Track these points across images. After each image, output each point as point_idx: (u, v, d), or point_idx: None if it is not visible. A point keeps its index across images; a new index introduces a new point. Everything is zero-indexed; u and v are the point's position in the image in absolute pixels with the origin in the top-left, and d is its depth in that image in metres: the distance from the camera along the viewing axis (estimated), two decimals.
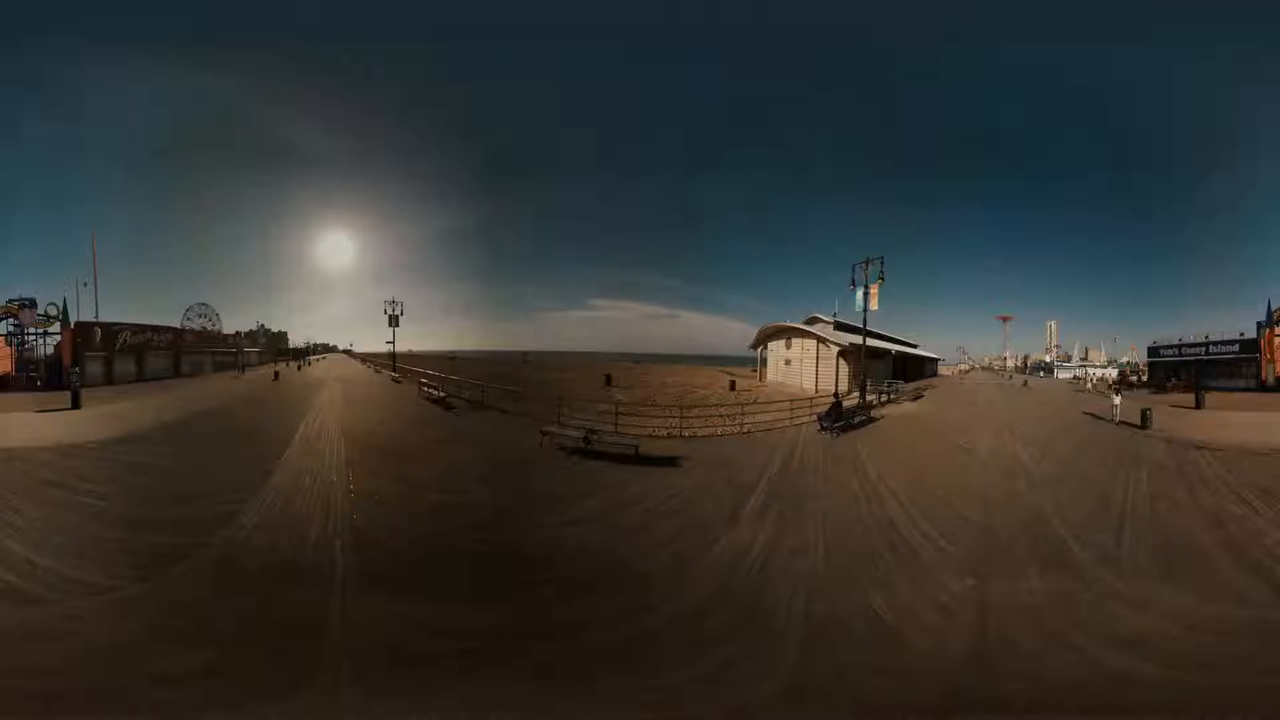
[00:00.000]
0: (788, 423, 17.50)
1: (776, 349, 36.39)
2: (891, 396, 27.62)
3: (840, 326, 34.01)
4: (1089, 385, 34.31)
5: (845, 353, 30.45)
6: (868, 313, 23.57)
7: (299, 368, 44.81)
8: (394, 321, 32.17)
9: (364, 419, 16.67)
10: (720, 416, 18.08)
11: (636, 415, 17.15)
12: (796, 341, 34.22)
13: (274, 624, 4.59)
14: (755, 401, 22.77)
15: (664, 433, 15.40)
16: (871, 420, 18.67)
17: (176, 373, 32.65)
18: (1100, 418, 19.10)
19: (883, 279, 23.14)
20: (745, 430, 16.29)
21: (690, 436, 15.10)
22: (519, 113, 49.58)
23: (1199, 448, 12.88)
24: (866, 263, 23.47)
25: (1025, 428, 17.58)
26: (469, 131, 50.84)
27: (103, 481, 8.68)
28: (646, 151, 52.38)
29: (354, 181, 57.44)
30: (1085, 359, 59.35)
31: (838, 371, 30.63)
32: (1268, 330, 25.90)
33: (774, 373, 36.39)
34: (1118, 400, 18.62)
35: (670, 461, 11.75)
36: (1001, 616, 5.17)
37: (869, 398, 23.35)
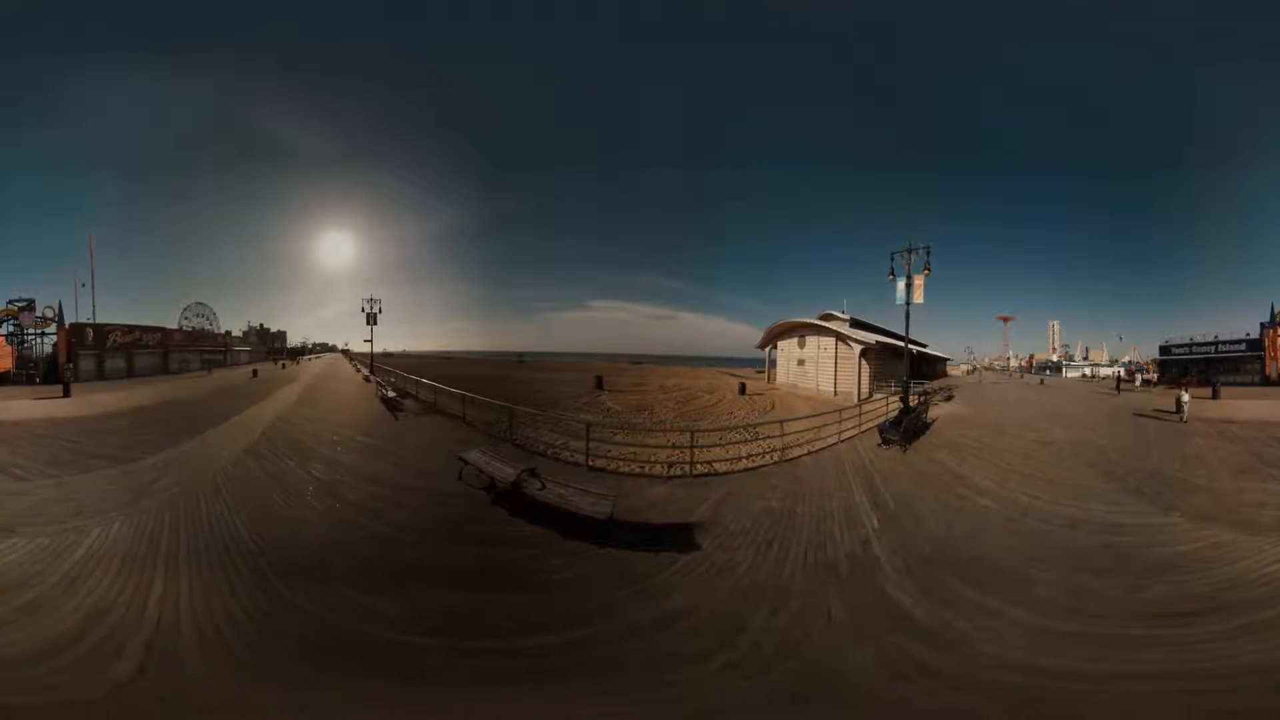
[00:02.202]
0: (834, 437, 16.34)
1: (788, 348, 38.64)
2: (926, 398, 29.63)
3: (855, 324, 35.81)
4: (1137, 383, 37.36)
5: (866, 352, 32.38)
6: (910, 307, 24.53)
7: (282, 366, 51.92)
8: (372, 320, 37.59)
9: (302, 416, 19.14)
10: (751, 440, 15.97)
11: (624, 440, 15.56)
12: (812, 340, 36.33)
13: (102, 503, 8.88)
14: (775, 409, 23.99)
15: (664, 469, 12.67)
16: (926, 425, 19.06)
17: (165, 369, 39.75)
18: (1157, 415, 22.49)
19: (929, 270, 24.14)
20: (785, 455, 13.90)
21: (707, 473, 12.28)
22: (519, 112, 55.78)
23: (1227, 422, 18.87)
24: (909, 251, 24.64)
25: (1077, 419, 21.94)
26: (469, 132, 57.37)
27: (74, 437, 14.01)
28: (647, 152, 58.05)
29: (354, 183, 65.58)
30: (1086, 358, 65.54)
31: (860, 373, 32.52)
32: (1271, 330, 32.63)
33: (784, 374, 38.65)
34: (1186, 397, 21.51)
35: (677, 537, 8.07)
36: (1217, 522, 8.77)
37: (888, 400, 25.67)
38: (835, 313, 36.94)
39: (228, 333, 50.07)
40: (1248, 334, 34.98)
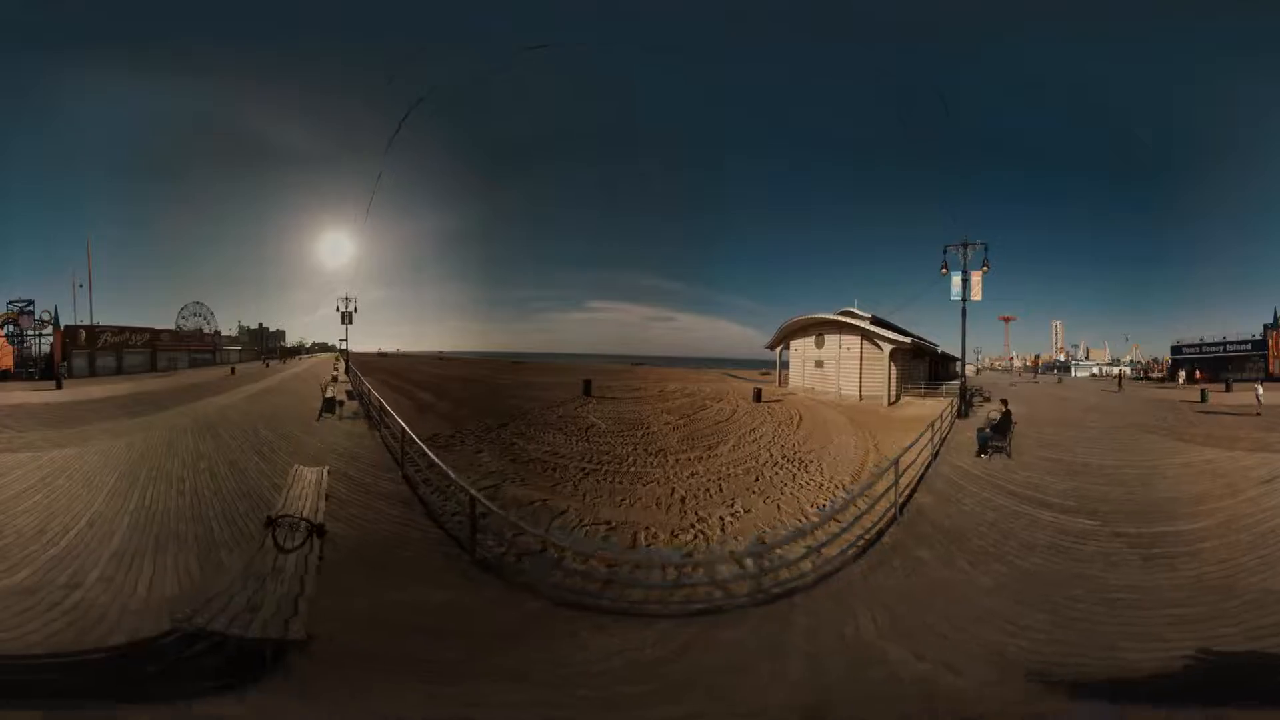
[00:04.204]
0: (912, 455, 15.39)
1: (802, 348, 42.49)
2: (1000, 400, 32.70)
3: (876, 322, 38.70)
4: (1180, 380, 45.67)
5: (894, 352, 35.84)
6: (967, 304, 28.28)
7: (266, 364, 61.92)
8: (347, 319, 44.85)
9: (240, 409, 24.91)
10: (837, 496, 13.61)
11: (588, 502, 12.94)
12: (832, 339, 39.86)
13: (64, 443, 15.56)
14: (802, 422, 25.14)
15: (669, 568, 9.24)
16: None
17: (153, 367, 49.66)
18: (1183, 404, 33.04)
19: (987, 266, 27.89)
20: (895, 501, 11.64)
21: (784, 592, 8.17)
22: (517, 111, 64.64)
23: (1246, 407, 28.40)
24: (965, 246, 27.94)
25: (1117, 410, 30.86)
26: (468, 131, 66.75)
27: (57, 414, 22.01)
28: (648, 151, 67.28)
29: (353, 183, 75.98)
30: (1087, 357, 76.99)
31: (890, 375, 35.96)
32: (1274, 331, 43.19)
33: (799, 377, 42.49)
34: (1261, 390, 28.57)
35: None
36: (1262, 450, 17.19)
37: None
38: (855, 310, 40.08)
39: (216, 332, 59.65)
40: (1254, 335, 45.31)
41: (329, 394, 24.20)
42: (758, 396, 34.21)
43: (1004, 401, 20.34)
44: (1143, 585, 8.19)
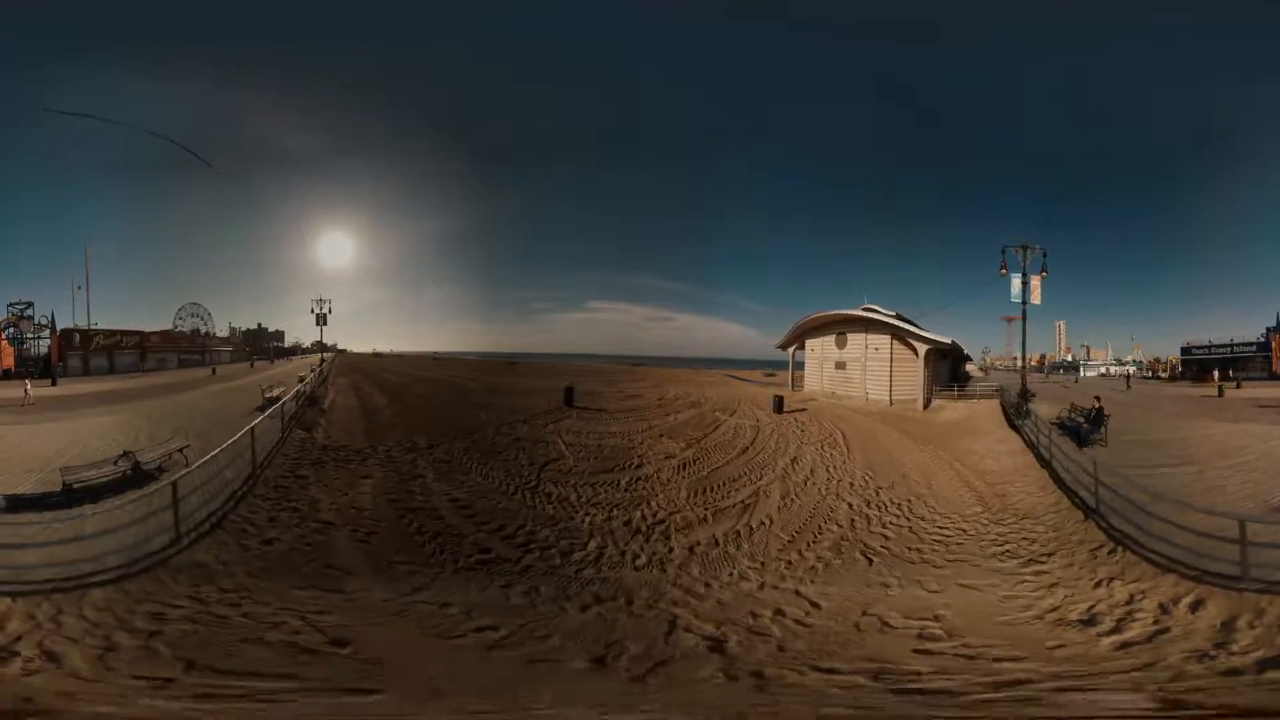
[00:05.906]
0: (1023, 457, 23.62)
1: (820, 348, 45.64)
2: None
3: (900, 320, 41.60)
4: (1214, 378, 53.52)
5: (928, 353, 38.74)
6: (1026, 306, 32.73)
7: (251, 365, 71.50)
8: (322, 321, 52.13)
9: (199, 404, 33.31)
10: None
11: None
12: (856, 337, 42.53)
13: (55, 420, 23.71)
14: (849, 445, 26.13)
15: None
16: None
17: (142, 368, 58.85)
18: (1204, 398, 42.27)
19: (1045, 272, 32.61)
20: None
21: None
22: (517, 111, 73.26)
23: (1258, 400, 36.48)
24: (1024, 248, 32.11)
25: (1153, 404, 39.23)
26: (468, 132, 75.82)
27: (52, 404, 31.08)
28: (646, 151, 78.68)
29: (353, 183, 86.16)
30: (1088, 357, 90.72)
31: (923, 377, 38.75)
32: (1276, 334, 55.12)
33: (817, 380, 45.78)
34: None
35: None
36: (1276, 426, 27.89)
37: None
38: (879, 308, 42.91)
39: (207, 333, 68.78)
40: (1258, 337, 57.56)
41: (269, 394, 30.97)
42: (779, 406, 34.79)
43: (1097, 398, 26.76)
44: (1251, 479, 18.00)
